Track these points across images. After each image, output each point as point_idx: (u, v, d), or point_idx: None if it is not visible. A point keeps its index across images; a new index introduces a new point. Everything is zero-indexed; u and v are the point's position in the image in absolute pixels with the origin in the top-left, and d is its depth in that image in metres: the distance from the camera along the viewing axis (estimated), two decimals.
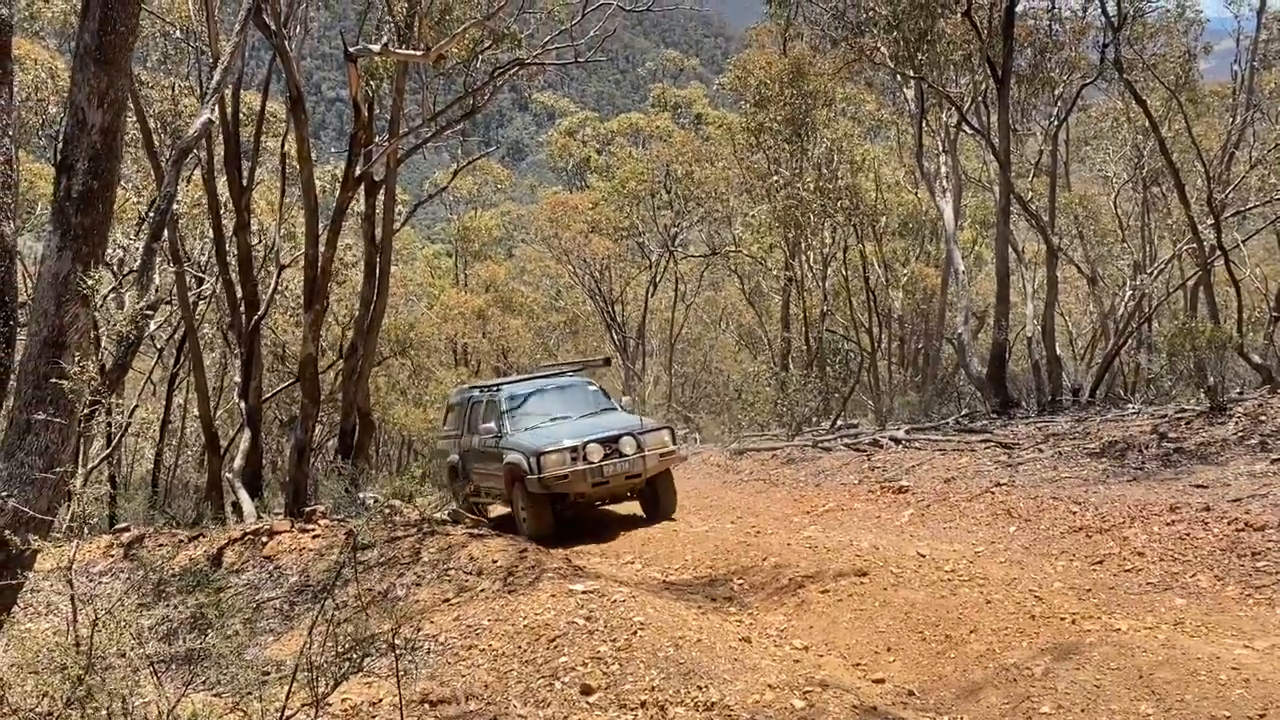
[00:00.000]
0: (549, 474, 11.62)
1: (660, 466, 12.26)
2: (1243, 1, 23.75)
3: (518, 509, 12.42)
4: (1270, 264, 27.97)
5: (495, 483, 13.12)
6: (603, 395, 14.02)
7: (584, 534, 11.92)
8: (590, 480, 11.78)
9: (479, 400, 14.06)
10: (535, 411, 13.22)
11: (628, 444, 11.96)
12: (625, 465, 11.90)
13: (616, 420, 12.81)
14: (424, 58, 11.22)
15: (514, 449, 12.26)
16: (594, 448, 11.81)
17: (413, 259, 38.37)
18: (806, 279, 28.38)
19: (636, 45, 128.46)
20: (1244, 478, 9.51)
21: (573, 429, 12.41)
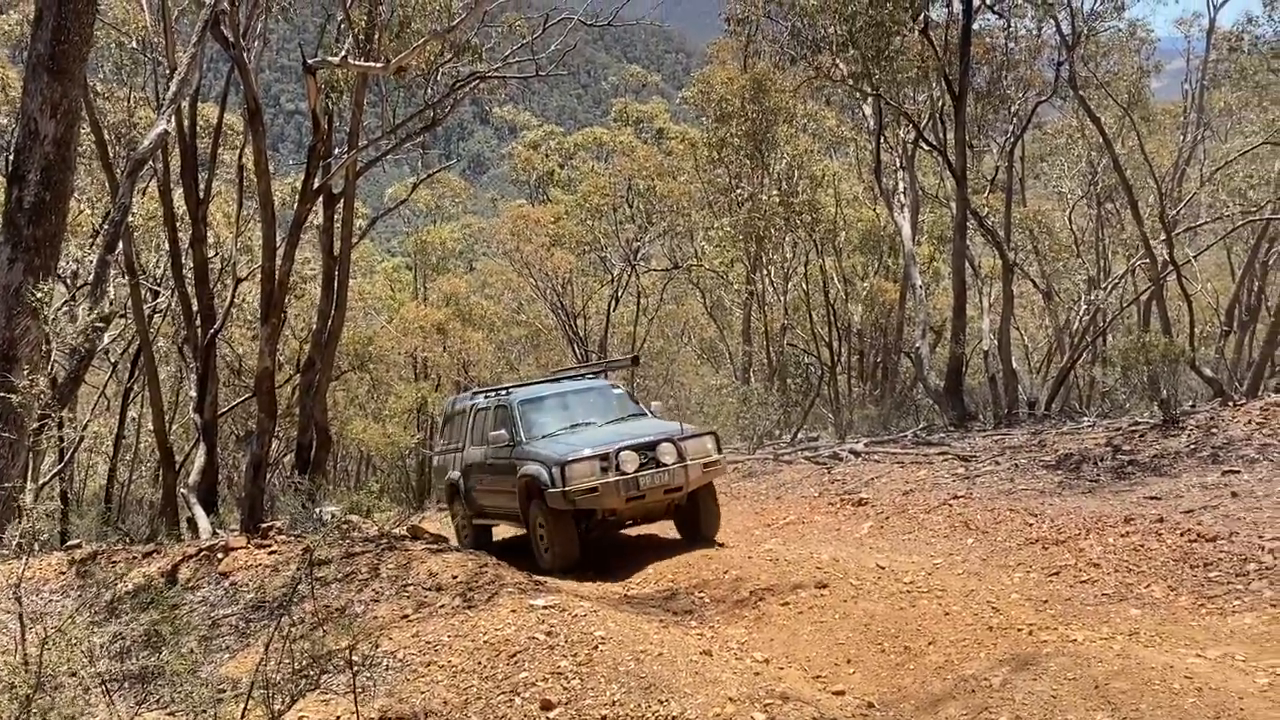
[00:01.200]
0: (575, 487, 10.04)
1: (703, 479, 10.63)
2: (1193, 22, 24.32)
3: (534, 530, 10.83)
4: (1221, 279, 28.48)
5: (506, 500, 11.48)
6: (629, 399, 12.48)
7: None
8: (624, 494, 10.16)
9: (485, 407, 12.49)
10: (554, 417, 11.63)
11: (667, 452, 10.37)
12: (664, 477, 10.29)
13: (650, 426, 11.21)
14: (383, 70, 11.18)
15: (531, 459, 10.71)
16: (628, 456, 10.22)
17: (372, 272, 38.17)
18: (767, 293, 28.57)
19: (598, 60, 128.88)
20: (1196, 489, 9.66)
21: (600, 436, 10.82)
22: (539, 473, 10.45)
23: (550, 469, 10.27)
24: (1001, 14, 21.28)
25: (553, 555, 10.47)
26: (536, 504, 10.62)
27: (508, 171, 41.26)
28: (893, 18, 18.73)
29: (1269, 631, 6.35)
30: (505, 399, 12.04)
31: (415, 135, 14.03)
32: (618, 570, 10.15)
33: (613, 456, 10.20)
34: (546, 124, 43.71)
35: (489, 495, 12.08)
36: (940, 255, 28.72)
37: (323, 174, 12.24)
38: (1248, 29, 21.34)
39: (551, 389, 12.42)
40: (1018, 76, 22.87)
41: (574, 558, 10.34)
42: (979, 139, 23.88)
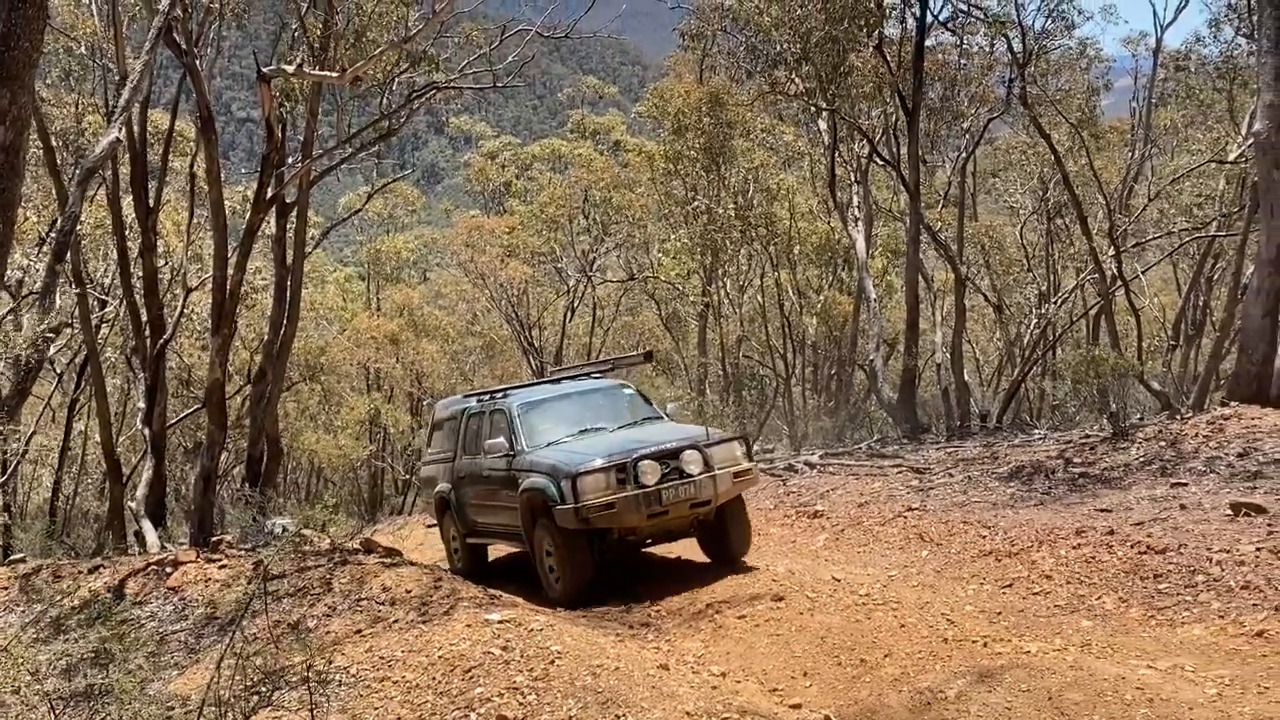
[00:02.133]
0: (589, 502, 8.85)
1: (733, 491, 9.42)
2: (1140, 42, 24.78)
3: (539, 553, 9.62)
4: (1168, 294, 29.01)
5: (505, 517, 10.34)
6: (643, 401, 11.17)
7: (495, 562, 11.80)
8: (645, 510, 8.98)
9: (480, 412, 11.24)
10: (560, 422, 10.43)
11: (692, 460, 9.17)
12: (690, 489, 9.07)
13: (669, 431, 10.04)
14: (339, 79, 11.09)
15: (535, 470, 9.54)
16: (649, 466, 9.03)
17: (324, 282, 37.81)
18: (723, 305, 28.67)
19: (554, 71, 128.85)
20: (1145, 501, 9.80)
21: (613, 443, 9.62)
22: (545, 487, 9.25)
23: (559, 482, 9.07)
24: (954, 31, 21.59)
25: (563, 582, 9.26)
26: (542, 523, 9.44)
27: (463, 182, 41.17)
28: (848, 34, 18.94)
29: (1217, 642, 6.45)
30: (502, 403, 10.80)
31: (370, 145, 13.92)
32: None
33: (630, 467, 8.99)
34: (503, 134, 43.69)
35: (485, 511, 10.94)
36: (894, 269, 29.00)
37: (276, 183, 12.11)
38: (1195, 48, 21.84)
39: (554, 391, 11.18)
40: (970, 93, 23.21)
41: (587, 585, 9.15)
42: (932, 154, 24.18)
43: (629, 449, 9.24)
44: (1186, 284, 24.77)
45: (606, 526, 9.13)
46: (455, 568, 11.56)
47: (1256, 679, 5.82)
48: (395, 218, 37.51)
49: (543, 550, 9.59)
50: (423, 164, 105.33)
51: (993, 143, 26.45)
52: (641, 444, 9.35)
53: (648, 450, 9.18)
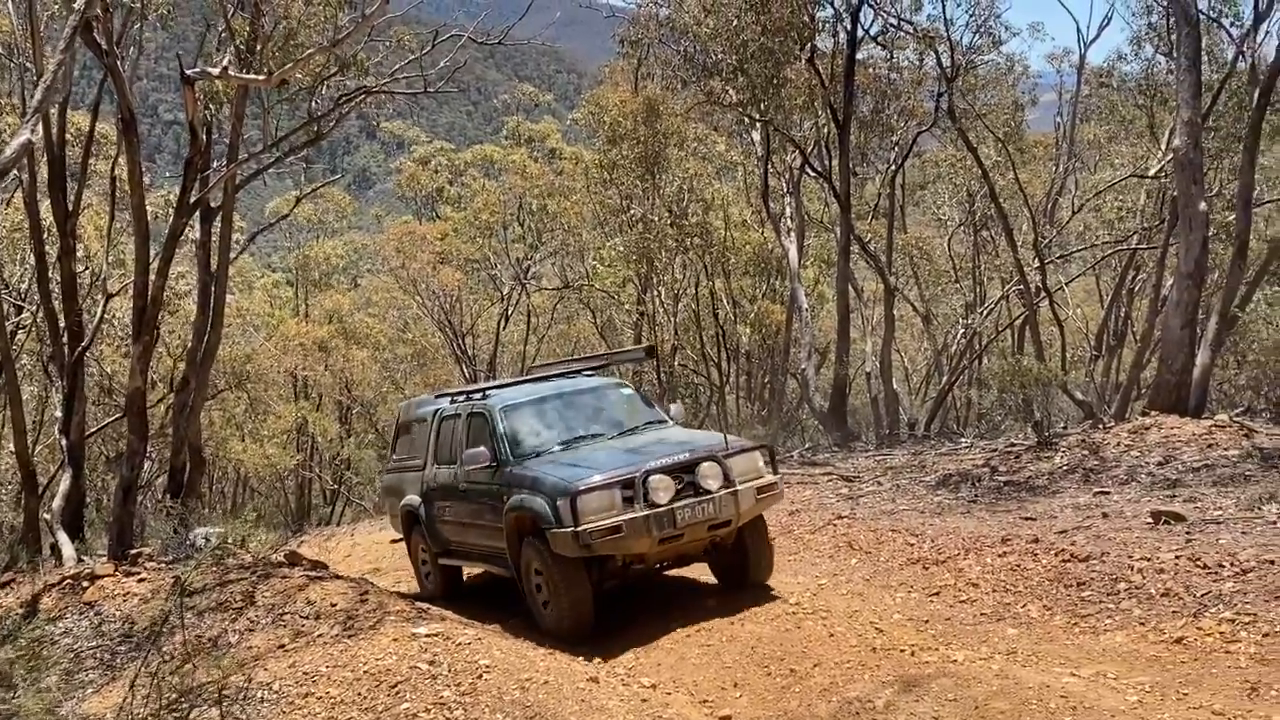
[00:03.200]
0: (591, 525, 7.69)
1: (756, 510, 8.34)
2: (1064, 58, 25.36)
3: (528, 580, 8.47)
4: (1091, 305, 29.65)
5: (486, 538, 9.17)
6: (644, 403, 9.98)
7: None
8: (657, 533, 7.83)
9: (455, 414, 9.99)
10: (550, 428, 9.19)
11: (710, 474, 8.05)
12: (708, 508, 7.97)
13: (680, 438, 8.85)
14: (265, 82, 10.87)
15: (524, 486, 8.38)
16: (661, 481, 7.89)
17: (251, 288, 37.15)
18: (658, 313, 28.70)
19: (489, 77, 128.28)
20: (1069, 510, 9.97)
21: (615, 453, 8.47)
22: (538, 506, 8.07)
23: (554, 501, 7.89)
24: (885, 46, 21.91)
25: (557, 614, 8.14)
26: (533, 546, 8.27)
27: (394, 187, 40.70)
28: (783, 47, 19.10)
29: (1138, 649, 6.55)
30: (482, 404, 9.54)
31: (298, 149, 13.68)
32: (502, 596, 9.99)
33: (639, 483, 7.84)
34: (436, 140, 43.32)
35: (461, 529, 9.78)
36: (826, 279, 29.29)
37: (200, 187, 11.83)
38: (1117, 65, 22.39)
39: (543, 390, 9.77)
40: (900, 107, 23.53)
41: (587, 619, 8.07)
42: (863, 166, 24.46)
43: (636, 461, 8.08)
44: (1109, 295, 25.35)
45: (609, 553, 7.96)
46: (425, 590, 10.76)
47: (1176, 685, 5.92)
48: (325, 223, 37.01)
49: (532, 578, 8.42)
50: (355, 169, 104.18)
51: (921, 156, 26.88)
52: (650, 454, 8.19)
53: (659, 462, 8.01)
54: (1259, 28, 17.44)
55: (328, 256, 36.54)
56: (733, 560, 8.70)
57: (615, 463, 8.15)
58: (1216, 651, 6.24)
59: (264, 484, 32.15)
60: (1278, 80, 15.17)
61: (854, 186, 22.12)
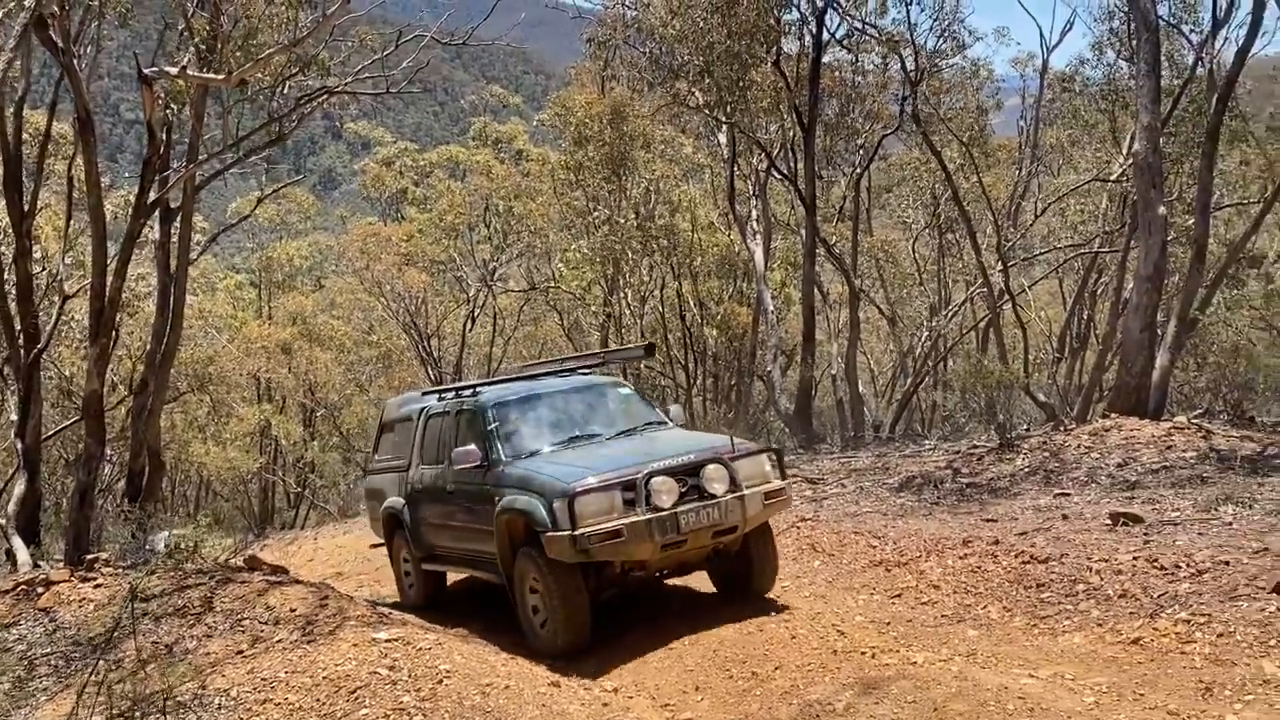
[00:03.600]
0: (590, 529, 7.31)
1: (763, 516, 8.06)
2: (1028, 62, 25.60)
3: (521, 590, 8.08)
4: (1054, 307, 29.93)
5: (474, 542, 8.81)
6: (643, 402, 9.72)
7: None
8: (659, 539, 7.46)
9: (442, 412, 9.69)
10: (544, 427, 8.87)
11: (715, 477, 7.73)
12: (713, 513, 7.63)
13: (682, 440, 8.51)
14: (225, 82, 10.75)
15: (517, 487, 7.99)
16: (663, 484, 7.54)
17: (213, 289, 36.81)
18: (625, 316, 28.69)
19: (456, 78, 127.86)
20: (1030, 511, 10.05)
21: (614, 454, 8.12)
22: (531, 509, 7.66)
23: (550, 503, 7.49)
24: (850, 49, 22.01)
25: (553, 627, 7.75)
26: (526, 553, 7.87)
27: (359, 188, 40.46)
28: (749, 50, 19.14)
29: (1095, 650, 6.60)
30: (472, 402, 9.17)
31: (260, 149, 13.55)
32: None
33: (641, 485, 7.48)
34: (401, 140, 43.06)
35: (448, 533, 9.39)
36: (792, 281, 29.40)
37: (159, 187, 11.69)
38: (1080, 70, 22.62)
39: (537, 388, 9.40)
40: (865, 110, 23.67)
41: (584, 632, 7.73)
42: (828, 169, 24.58)
43: (637, 462, 7.70)
44: (1071, 298, 25.60)
45: (607, 560, 7.61)
46: (407, 598, 10.41)
47: (1132, 686, 5.97)
48: (289, 224, 36.73)
49: (525, 586, 7.99)
50: (320, 169, 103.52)
51: (887, 159, 27.04)
52: (651, 456, 7.82)
53: (661, 464, 7.64)
54: (1217, 34, 17.74)
55: (291, 258, 36.26)
56: (735, 569, 8.41)
57: (615, 464, 7.76)
58: (1172, 652, 6.30)
59: (227, 487, 31.87)
60: (1235, 86, 15.39)
61: (820, 189, 22.20)
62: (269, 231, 36.63)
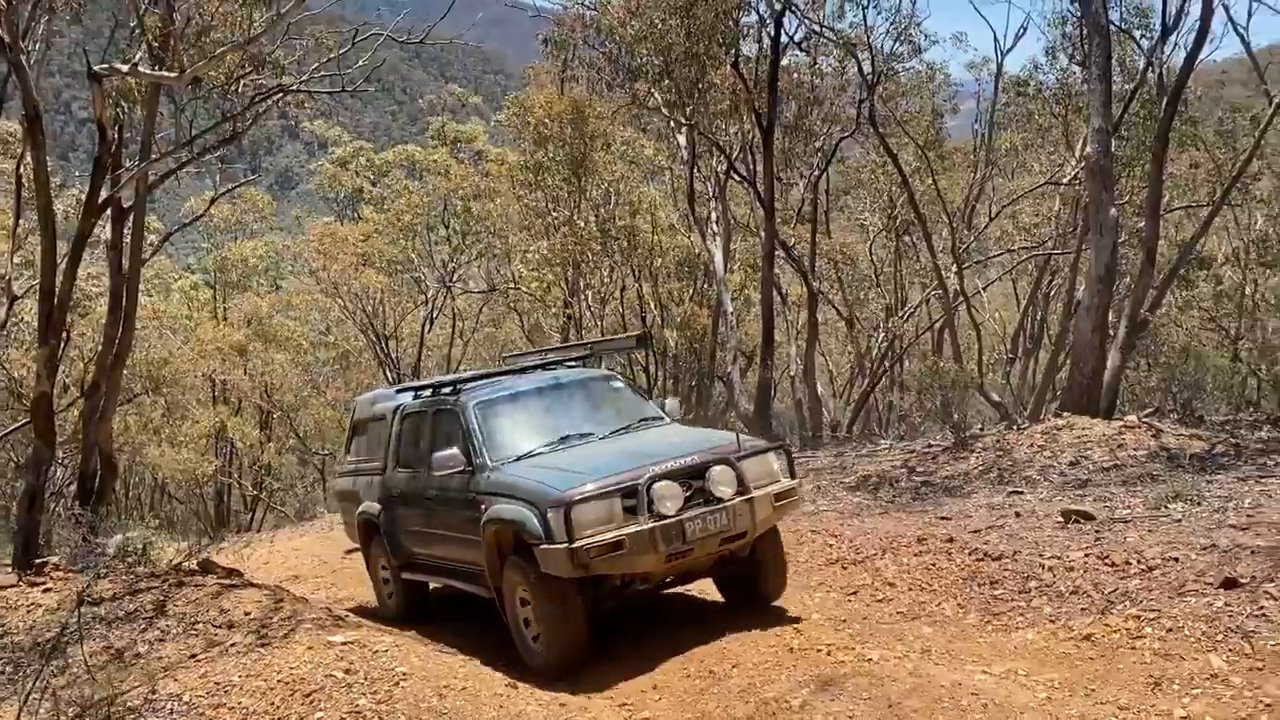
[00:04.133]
0: (589, 541, 6.76)
1: (773, 519, 7.60)
2: (983, 67, 25.86)
3: (511, 605, 7.49)
4: (1008, 309, 30.30)
5: (459, 551, 8.23)
6: (638, 397, 9.17)
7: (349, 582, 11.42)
8: (664, 549, 6.92)
9: (420, 411, 9.09)
10: (535, 427, 8.27)
11: (723, 479, 7.20)
12: (721, 519, 7.10)
13: (684, 439, 7.92)
14: (176, 80, 10.62)
15: (506, 494, 7.41)
16: (667, 489, 7.00)
17: (168, 290, 36.35)
18: (585, 317, 28.66)
19: (414, 77, 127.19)
20: (983, 509, 10.16)
21: (613, 455, 7.51)
22: (523, 519, 7.06)
23: (543, 513, 6.89)
24: (808, 52, 22.10)
25: (547, 646, 7.17)
26: (516, 565, 7.30)
27: (316, 188, 40.11)
28: (707, 52, 19.18)
29: (1048, 646, 6.69)
30: (452, 400, 8.51)
31: (214, 148, 13.37)
32: None
33: (643, 491, 6.93)
34: (358, 140, 42.72)
35: (429, 541, 8.80)
36: (751, 283, 29.49)
37: (111, 186, 11.51)
38: (1034, 74, 22.89)
39: (522, 384, 8.77)
40: (823, 113, 23.79)
41: (581, 649, 7.18)
42: (787, 172, 24.68)
43: (637, 465, 7.13)
44: (1025, 299, 25.92)
45: (606, 573, 7.07)
46: (386, 609, 9.86)
47: (1084, 681, 6.06)
48: (245, 224, 36.27)
49: (515, 600, 7.41)
50: (277, 169, 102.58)
51: (845, 161, 27.21)
52: (652, 457, 7.24)
53: (664, 466, 7.09)
54: (1167, 40, 18.00)
55: (247, 258, 35.87)
56: (742, 576, 7.93)
57: (613, 466, 7.16)
58: (1122, 647, 6.40)
59: (181, 490, 31.50)
60: (1184, 91, 15.65)
61: (779, 191, 22.28)
62: (224, 231, 36.17)
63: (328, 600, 10.72)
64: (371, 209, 34.35)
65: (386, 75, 18.32)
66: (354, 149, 38.75)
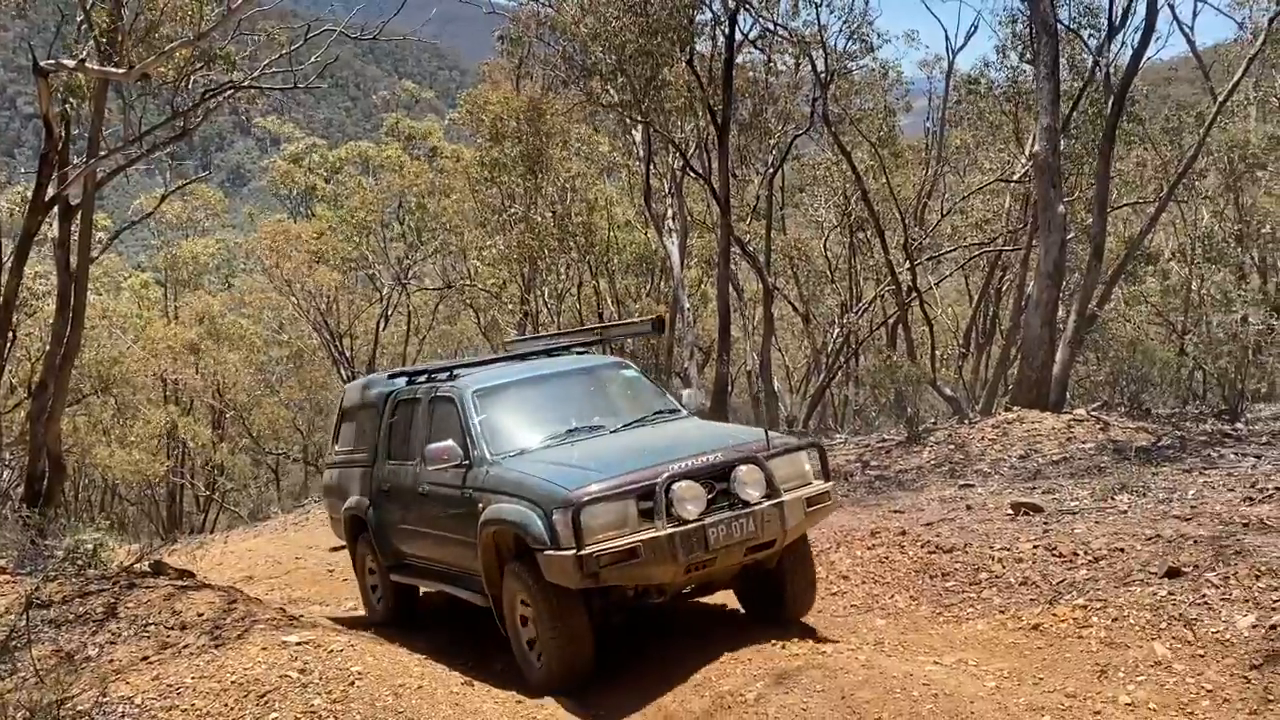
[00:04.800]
0: (600, 547, 6.10)
1: (805, 526, 6.85)
2: (935, 65, 26.16)
3: (511, 613, 6.88)
4: (961, 304, 30.66)
5: (454, 553, 7.60)
6: (651, 387, 8.37)
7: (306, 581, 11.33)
8: (683, 558, 6.23)
9: (412, 398, 8.36)
10: (538, 418, 7.60)
11: (750, 480, 6.50)
12: (748, 524, 6.39)
13: (704, 435, 7.26)
14: (125, 76, 10.50)
15: (506, 492, 6.74)
16: (688, 489, 6.30)
17: (118, 289, 35.85)
18: (542, 314, 28.63)
19: (368, 73, 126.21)
20: (935, 503, 10.29)
21: (626, 451, 6.85)
22: (525, 521, 6.39)
23: (548, 515, 6.23)
24: (763, 50, 22.25)
25: (549, 661, 6.57)
26: (517, 572, 6.66)
27: (268, 185, 39.74)
28: (661, 49, 19.21)
29: (997, 637, 6.80)
30: (449, 387, 7.83)
31: (164, 145, 13.25)
32: None
33: (661, 491, 6.24)
34: (311, 136, 42.32)
35: (421, 541, 8.16)
36: (708, 279, 29.64)
37: (58, 184, 11.36)
38: (984, 72, 23.17)
39: (524, 371, 8.13)
40: (778, 110, 23.96)
41: (587, 664, 6.58)
42: (742, 169, 24.82)
43: (653, 462, 6.45)
44: (977, 295, 26.24)
45: (618, 583, 6.41)
46: (374, 613, 9.31)
47: (1032, 670, 6.18)
48: (196, 221, 35.88)
49: (515, 609, 6.82)
50: (228, 165, 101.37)
51: (800, 159, 27.39)
52: (670, 454, 6.57)
53: (684, 464, 6.41)
54: (1114, 39, 18.31)
55: (198, 256, 35.49)
56: (767, 587, 7.22)
57: (627, 464, 6.49)
58: (1070, 637, 6.51)
59: (133, 492, 31.11)
60: (1131, 89, 15.93)
61: (734, 188, 22.40)
62: (176, 229, 35.75)
63: (282, 600, 10.64)
64: (325, 206, 34.09)
65: (340, 71, 18.15)
66: (307, 145, 38.39)
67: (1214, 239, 20.59)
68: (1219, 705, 5.49)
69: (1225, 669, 5.71)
